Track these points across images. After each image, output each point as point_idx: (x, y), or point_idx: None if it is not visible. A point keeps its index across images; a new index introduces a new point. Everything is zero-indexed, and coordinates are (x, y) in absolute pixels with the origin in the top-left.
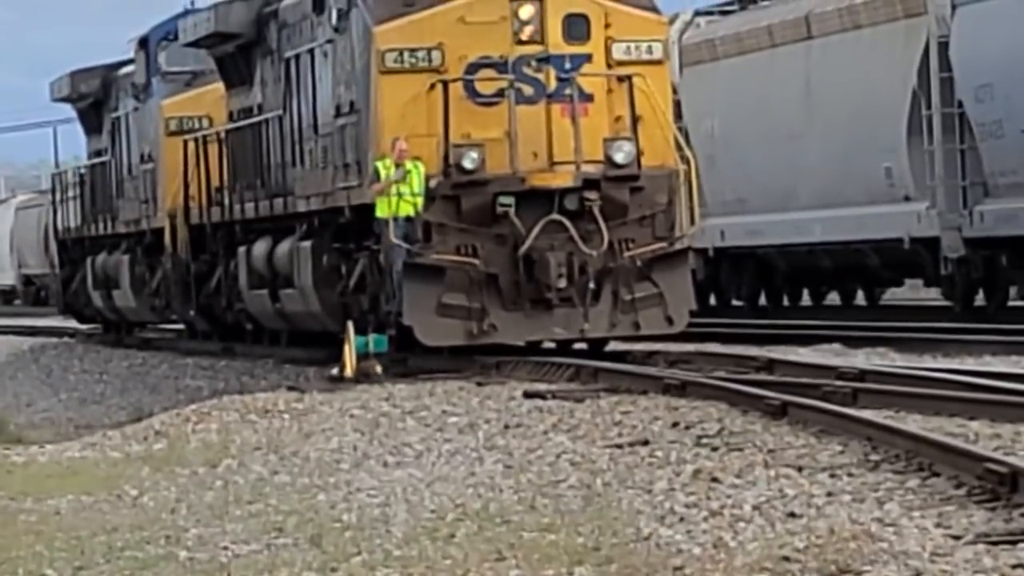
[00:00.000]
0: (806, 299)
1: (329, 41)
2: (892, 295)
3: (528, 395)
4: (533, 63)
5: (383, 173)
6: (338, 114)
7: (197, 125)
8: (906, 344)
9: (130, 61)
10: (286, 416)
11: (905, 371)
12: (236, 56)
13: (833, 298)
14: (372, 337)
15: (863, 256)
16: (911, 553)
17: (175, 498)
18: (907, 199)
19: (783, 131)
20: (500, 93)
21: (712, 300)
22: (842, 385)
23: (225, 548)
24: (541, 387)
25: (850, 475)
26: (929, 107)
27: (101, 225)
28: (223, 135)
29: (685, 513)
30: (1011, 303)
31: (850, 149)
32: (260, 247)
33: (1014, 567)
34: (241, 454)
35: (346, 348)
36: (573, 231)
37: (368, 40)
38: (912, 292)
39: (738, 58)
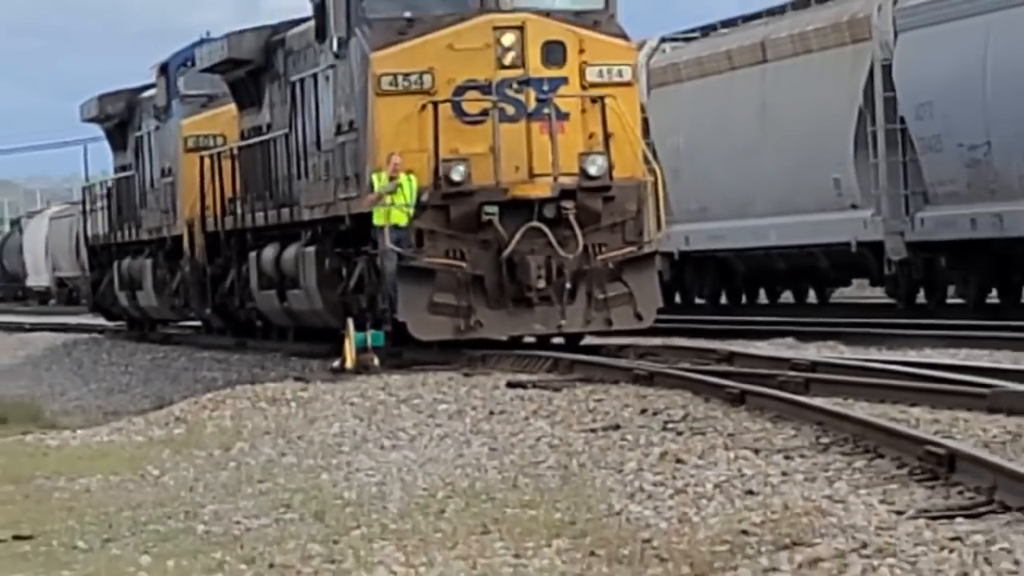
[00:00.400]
0: (763, 298)
1: (331, 66)
2: (841, 294)
3: (511, 385)
4: (515, 85)
5: (378, 185)
6: (339, 132)
7: (212, 142)
8: (854, 338)
9: (152, 85)
10: (293, 404)
11: (853, 362)
12: (247, 80)
13: (787, 297)
14: (370, 333)
15: (814, 259)
16: (858, 527)
17: (193, 477)
18: (854, 207)
19: (741, 146)
20: (485, 112)
21: (677, 299)
22: (795, 375)
23: (238, 522)
24: (523, 377)
25: (802, 456)
26: (874, 124)
27: (126, 233)
28: (235, 151)
29: (653, 491)
30: (949, 301)
31: (802, 162)
32: (269, 252)
33: (951, 540)
34: (252, 438)
35: (346, 343)
36: (551, 237)
37: (365, 65)
38: (859, 291)
39: (700, 80)
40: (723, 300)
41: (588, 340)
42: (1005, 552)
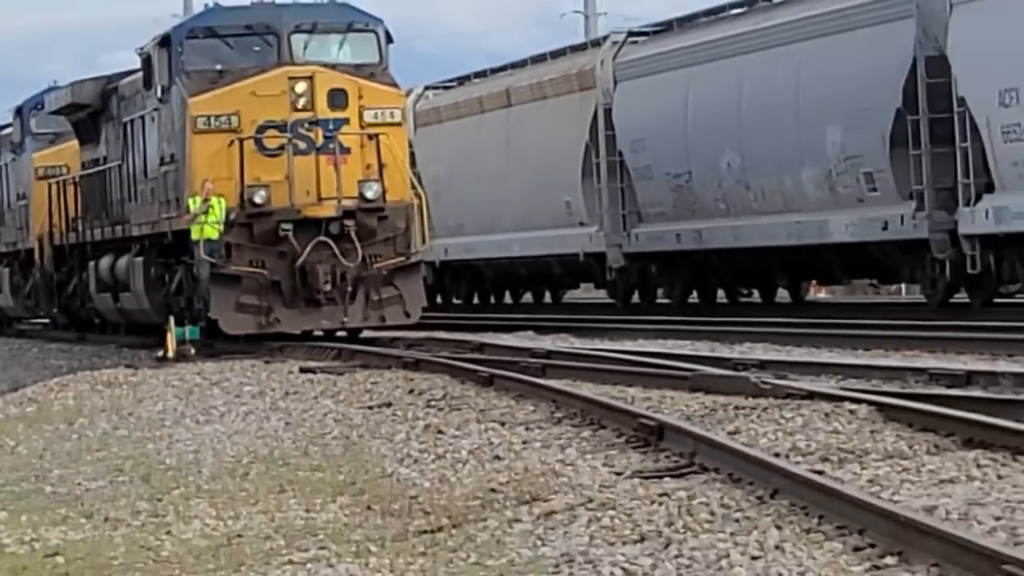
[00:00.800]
0: (508, 298)
1: (156, 110)
2: (571, 295)
3: (303, 370)
4: (306, 125)
5: (193, 207)
6: (162, 163)
7: (59, 172)
8: (582, 331)
9: (9, 125)
10: (124, 386)
11: (581, 351)
12: (87, 121)
13: (528, 298)
14: (188, 328)
15: (550, 266)
16: (585, 485)
17: (42, 447)
18: (582, 224)
19: (490, 175)
20: (281, 147)
21: (439, 299)
22: (534, 361)
23: (79, 484)
24: (312, 364)
25: (540, 428)
26: (598, 156)
27: None
28: (78, 179)
29: (418, 456)
30: (658, 301)
31: (540, 187)
32: (105, 262)
33: (660, 495)
34: (91, 414)
35: (168, 336)
36: (336, 249)
37: (184, 108)
38: (586, 293)
39: (457, 121)
40: (475, 300)
41: (366, 333)
42: (703, 505)
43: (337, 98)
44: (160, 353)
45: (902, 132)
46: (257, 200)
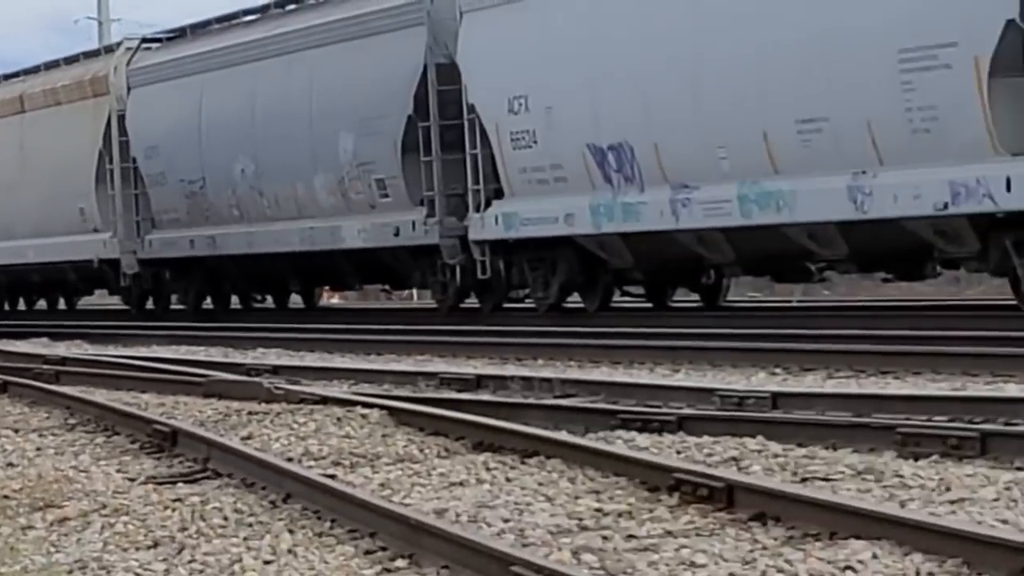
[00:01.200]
0: (22, 305)
1: None
2: (86, 301)
3: None
4: None
5: None
6: None
7: None
8: (97, 338)
9: None
10: None
11: (96, 357)
12: None
13: (42, 304)
14: None
15: (65, 273)
16: (99, 491)
17: None
18: (96, 231)
19: (4, 181)
20: None
21: None
22: (48, 368)
23: None
24: None
25: (54, 435)
26: (112, 163)
27: None
28: None
29: None
30: (173, 306)
31: (55, 194)
32: None
33: (174, 500)
34: None
35: None
36: None
37: None
38: (100, 299)
39: None
40: None
41: None
42: (216, 510)
43: None
44: None
45: (414, 139)
46: None
